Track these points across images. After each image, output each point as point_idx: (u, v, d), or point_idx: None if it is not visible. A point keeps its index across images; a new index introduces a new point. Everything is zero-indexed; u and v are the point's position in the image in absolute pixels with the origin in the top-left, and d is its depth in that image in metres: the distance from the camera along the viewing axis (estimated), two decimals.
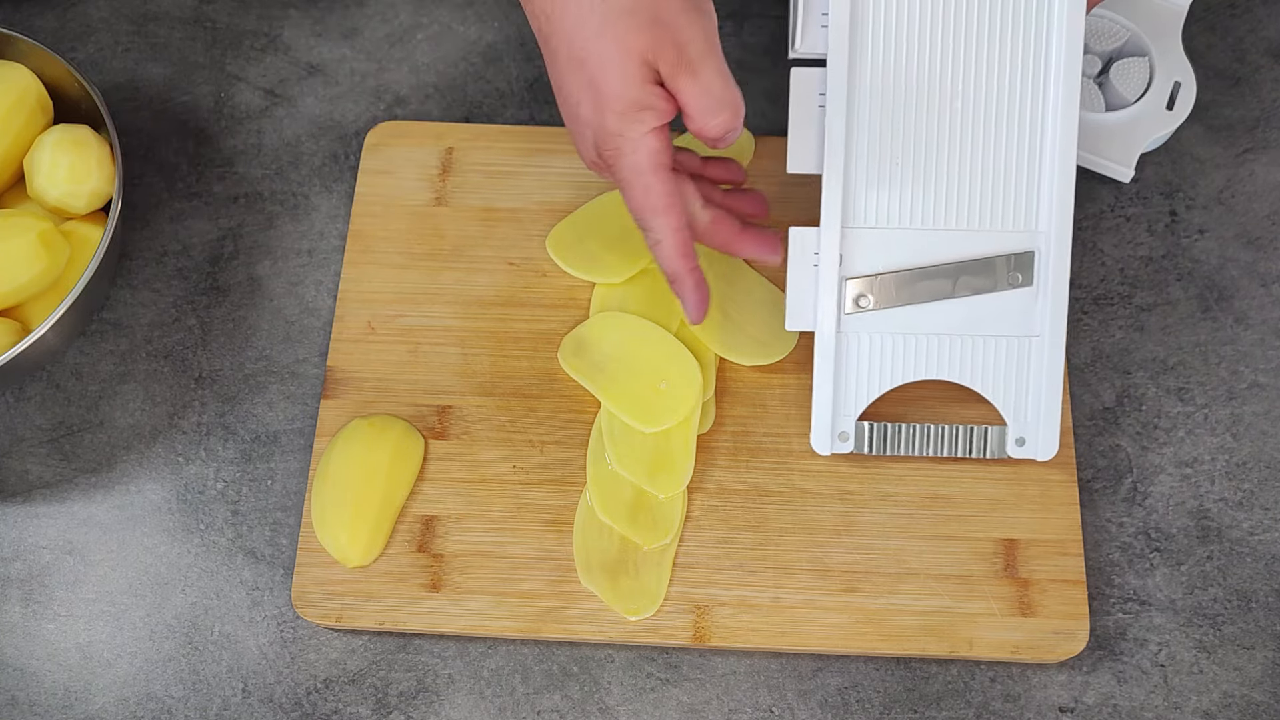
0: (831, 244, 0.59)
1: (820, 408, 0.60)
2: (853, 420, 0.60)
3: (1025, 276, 0.59)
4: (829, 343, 0.60)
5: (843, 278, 0.59)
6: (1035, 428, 0.60)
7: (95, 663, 0.60)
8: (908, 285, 0.59)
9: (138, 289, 0.68)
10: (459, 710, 0.59)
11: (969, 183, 0.59)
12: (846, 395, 0.60)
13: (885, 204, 0.59)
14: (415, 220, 0.68)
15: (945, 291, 0.59)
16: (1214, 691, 0.59)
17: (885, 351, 0.60)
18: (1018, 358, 0.60)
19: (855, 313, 0.59)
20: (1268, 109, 0.73)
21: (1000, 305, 0.59)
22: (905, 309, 0.60)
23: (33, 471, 0.64)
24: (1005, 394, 0.60)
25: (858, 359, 0.60)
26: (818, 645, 0.59)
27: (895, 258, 0.59)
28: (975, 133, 0.59)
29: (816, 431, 0.60)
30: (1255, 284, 0.68)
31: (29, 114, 0.65)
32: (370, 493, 0.60)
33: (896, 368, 0.60)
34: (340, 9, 0.76)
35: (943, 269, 0.59)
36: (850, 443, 0.60)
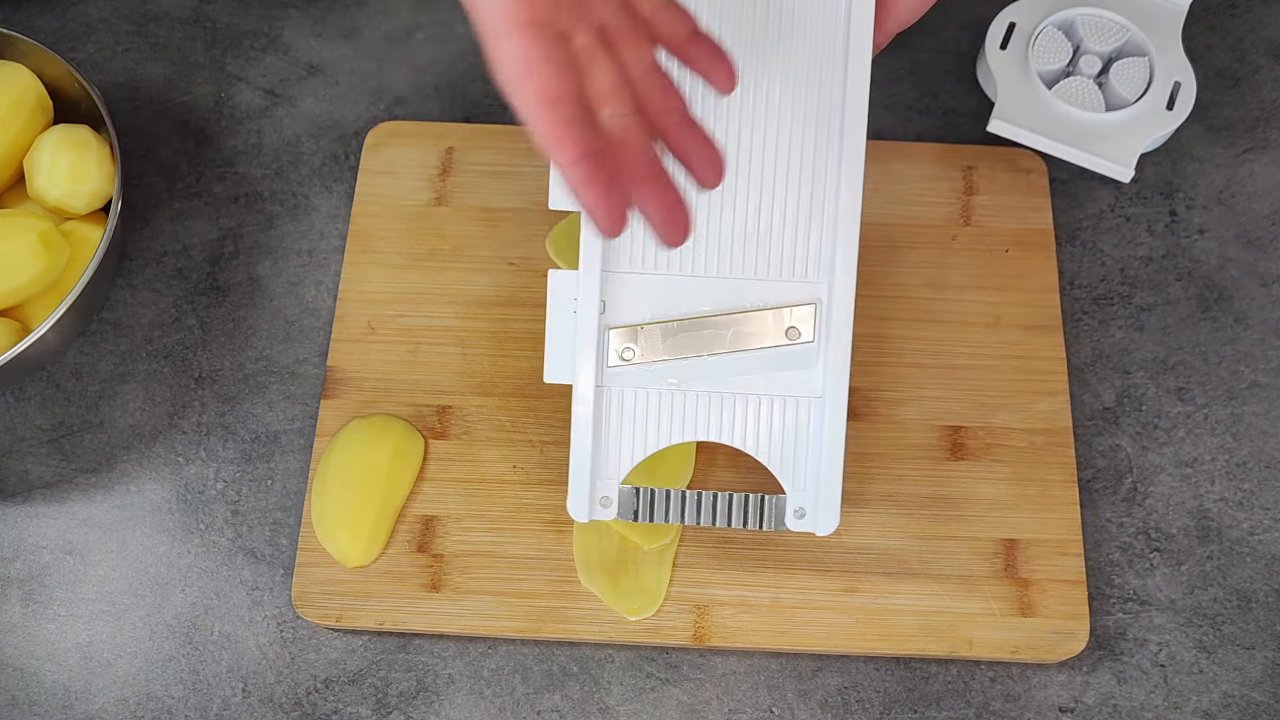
0: (592, 290, 0.54)
1: (578, 470, 0.55)
2: (615, 484, 0.55)
3: (805, 331, 0.54)
4: (588, 398, 0.54)
5: (605, 326, 0.54)
6: (814, 498, 0.55)
7: (95, 663, 0.60)
8: (676, 336, 0.54)
9: (138, 289, 0.68)
10: (459, 710, 0.59)
11: (744, 228, 0.54)
12: (608, 456, 0.55)
13: (654, 247, 0.54)
14: (415, 220, 0.68)
15: (718, 344, 0.54)
16: (1214, 691, 0.59)
17: (651, 409, 0.55)
18: (795, 420, 0.55)
19: (619, 366, 0.54)
20: (1268, 109, 0.73)
21: (777, 362, 0.55)
22: (674, 363, 0.54)
23: (33, 471, 0.64)
24: (783, 461, 0.55)
25: (621, 416, 0.55)
26: (818, 645, 0.59)
27: (663, 307, 0.54)
28: (752, 174, 0.54)
29: (573, 497, 0.55)
30: (1255, 284, 0.68)
31: (29, 114, 0.65)
32: (370, 493, 0.60)
33: (664, 427, 0.55)
34: (340, 9, 0.76)
35: (714, 320, 0.54)
36: (613, 509, 0.55)
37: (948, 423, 0.63)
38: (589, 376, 0.54)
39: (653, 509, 0.56)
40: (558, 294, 0.55)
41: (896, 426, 0.63)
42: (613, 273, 0.54)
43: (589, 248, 0.54)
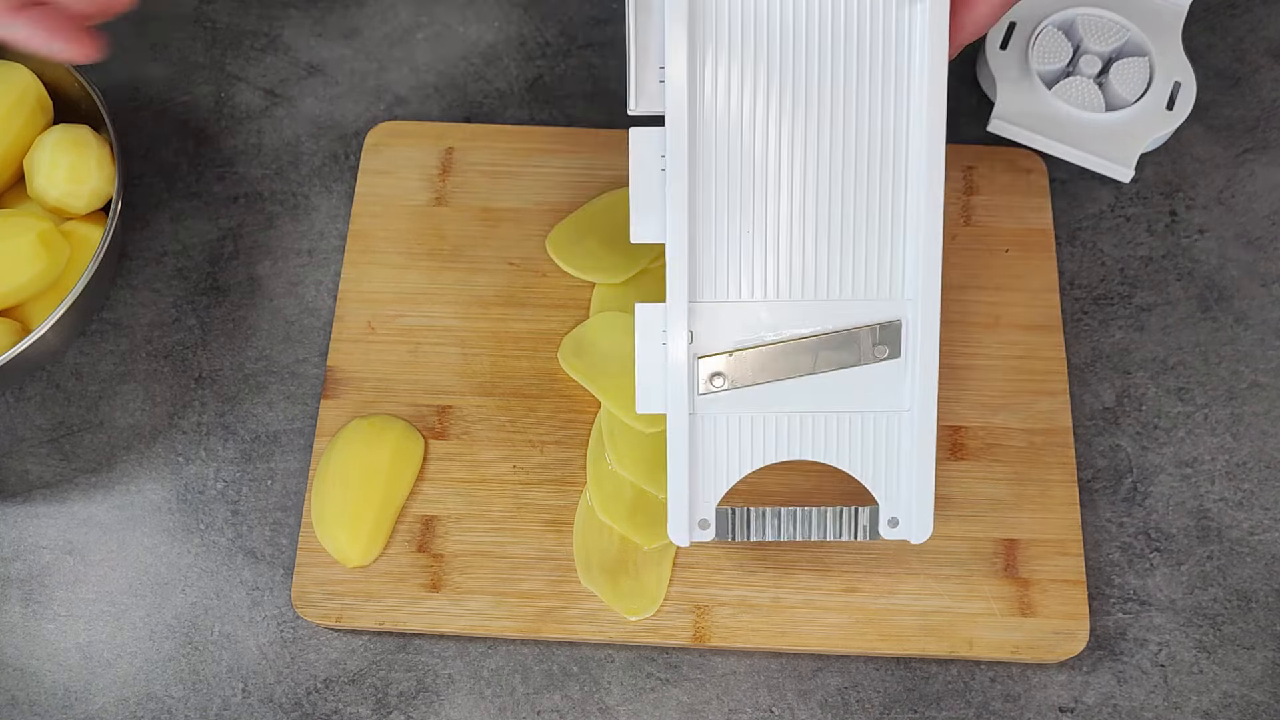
0: (680, 320, 0.54)
1: (676, 496, 0.55)
2: (713, 506, 0.56)
3: (892, 349, 0.55)
4: (683, 426, 0.55)
5: (694, 355, 0.55)
6: (908, 507, 0.56)
7: (95, 663, 0.60)
8: (765, 362, 0.55)
9: (138, 289, 0.68)
10: (459, 710, 0.59)
11: (826, 250, 0.54)
12: (705, 480, 0.56)
13: (736, 275, 0.54)
14: (415, 220, 0.68)
15: (806, 367, 0.55)
16: (1214, 691, 0.59)
17: (744, 432, 0.55)
18: (885, 434, 0.56)
19: (710, 393, 0.55)
20: (1268, 109, 0.73)
21: (866, 380, 0.55)
22: (764, 387, 0.55)
23: (33, 471, 0.64)
24: (874, 473, 0.56)
25: (714, 441, 0.55)
26: (818, 645, 0.59)
27: (751, 333, 0.55)
28: (831, 196, 0.54)
29: (674, 522, 0.55)
30: (1255, 284, 0.68)
31: (29, 114, 0.65)
32: (370, 493, 0.60)
33: (757, 449, 0.55)
34: (340, 9, 0.76)
35: (802, 344, 0.55)
36: (711, 530, 0.56)
37: (948, 423, 0.63)
38: (682, 404, 0.55)
39: (749, 527, 0.56)
40: (645, 327, 0.55)
41: None
42: (699, 303, 0.55)
43: (675, 280, 0.54)
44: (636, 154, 0.54)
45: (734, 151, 0.53)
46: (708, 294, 0.55)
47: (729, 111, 0.53)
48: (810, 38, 0.53)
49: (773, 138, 0.53)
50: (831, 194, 0.54)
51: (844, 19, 0.53)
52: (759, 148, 0.53)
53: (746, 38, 0.52)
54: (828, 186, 0.54)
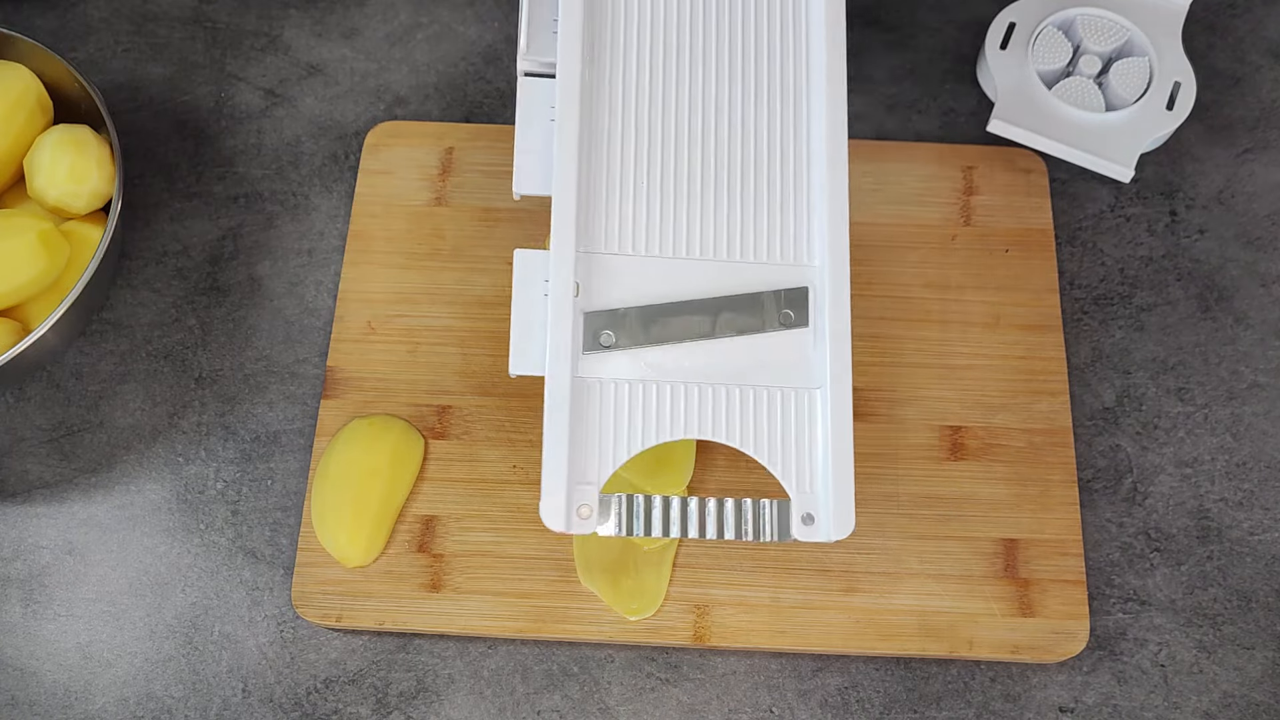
0: (566, 269, 0.49)
1: (552, 475, 0.48)
2: (595, 491, 0.49)
3: (798, 315, 0.50)
4: (563, 389, 0.49)
5: (580, 310, 0.50)
6: (825, 501, 0.50)
7: (95, 663, 0.60)
8: (659, 321, 0.50)
9: (138, 289, 0.68)
10: (459, 710, 0.59)
11: (729, 209, 0.51)
12: (587, 458, 0.49)
13: (631, 228, 0.50)
14: (415, 220, 0.68)
15: (705, 330, 0.50)
16: (1214, 691, 0.59)
17: (635, 403, 0.49)
18: (795, 415, 0.50)
19: (595, 351, 0.49)
20: (1268, 109, 0.73)
21: (773, 350, 0.50)
22: (657, 350, 0.49)
23: (33, 471, 0.64)
24: (785, 460, 0.50)
25: (600, 411, 0.49)
26: (818, 645, 0.59)
27: (646, 290, 0.50)
28: (735, 154, 0.51)
29: (547, 504, 0.48)
30: (1255, 284, 0.68)
31: (29, 114, 0.65)
32: (370, 493, 0.60)
33: (649, 423, 0.49)
34: (340, 9, 0.76)
35: (700, 304, 0.50)
36: (592, 520, 0.49)
37: (948, 423, 0.63)
38: (564, 365, 0.49)
39: (637, 519, 0.50)
40: (525, 274, 0.50)
41: (896, 426, 0.63)
42: (588, 253, 0.50)
43: (562, 225, 0.50)
44: (524, 104, 0.51)
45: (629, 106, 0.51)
46: (599, 244, 0.50)
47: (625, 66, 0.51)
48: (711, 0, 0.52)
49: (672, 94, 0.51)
50: (732, 154, 0.52)
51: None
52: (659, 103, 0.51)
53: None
54: (727, 146, 0.51)
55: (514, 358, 0.50)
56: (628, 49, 0.51)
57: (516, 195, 0.51)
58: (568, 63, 0.50)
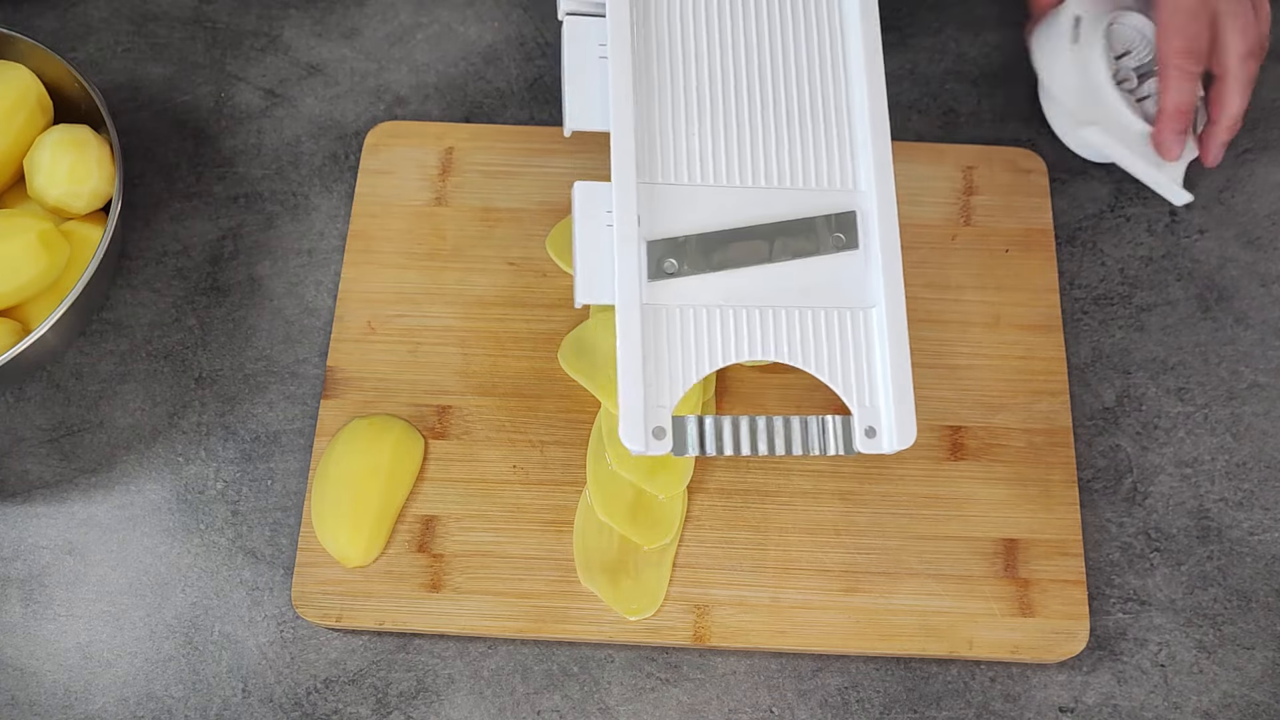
0: (627, 201, 0.51)
1: (630, 398, 0.50)
2: (668, 412, 0.51)
3: (849, 238, 0.53)
4: (633, 316, 0.50)
5: (643, 239, 0.51)
6: (885, 414, 0.52)
7: (95, 663, 0.60)
8: (719, 248, 0.52)
9: (138, 289, 0.68)
10: (459, 710, 0.59)
11: (778, 139, 0.53)
12: (659, 381, 0.50)
13: (686, 159, 0.52)
14: (415, 220, 0.68)
15: (763, 255, 0.52)
16: (1214, 691, 0.59)
17: (701, 327, 0.51)
18: (853, 333, 0.52)
19: (660, 279, 0.51)
20: (1268, 109, 0.73)
21: (828, 272, 0.52)
22: (719, 275, 0.51)
23: (33, 471, 0.64)
24: (845, 376, 0.52)
25: (669, 336, 0.51)
26: (818, 645, 0.59)
27: (704, 218, 0.52)
28: (780, 87, 0.54)
29: (626, 427, 0.50)
30: (1255, 284, 0.68)
31: (29, 114, 0.65)
32: (370, 493, 0.60)
33: (715, 346, 0.51)
34: (340, 9, 0.76)
35: (757, 229, 0.52)
36: (667, 440, 0.51)
37: (948, 423, 0.63)
38: (633, 292, 0.50)
39: (710, 438, 0.51)
40: (586, 206, 0.51)
41: None
42: (648, 184, 0.52)
43: (622, 156, 0.51)
44: (571, 43, 0.53)
45: (677, 43, 0.53)
46: (657, 174, 0.52)
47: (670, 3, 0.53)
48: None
49: (716, 31, 0.54)
50: (778, 86, 0.54)
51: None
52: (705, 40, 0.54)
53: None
54: (772, 79, 0.54)
55: (580, 288, 0.51)
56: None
57: (568, 132, 0.53)
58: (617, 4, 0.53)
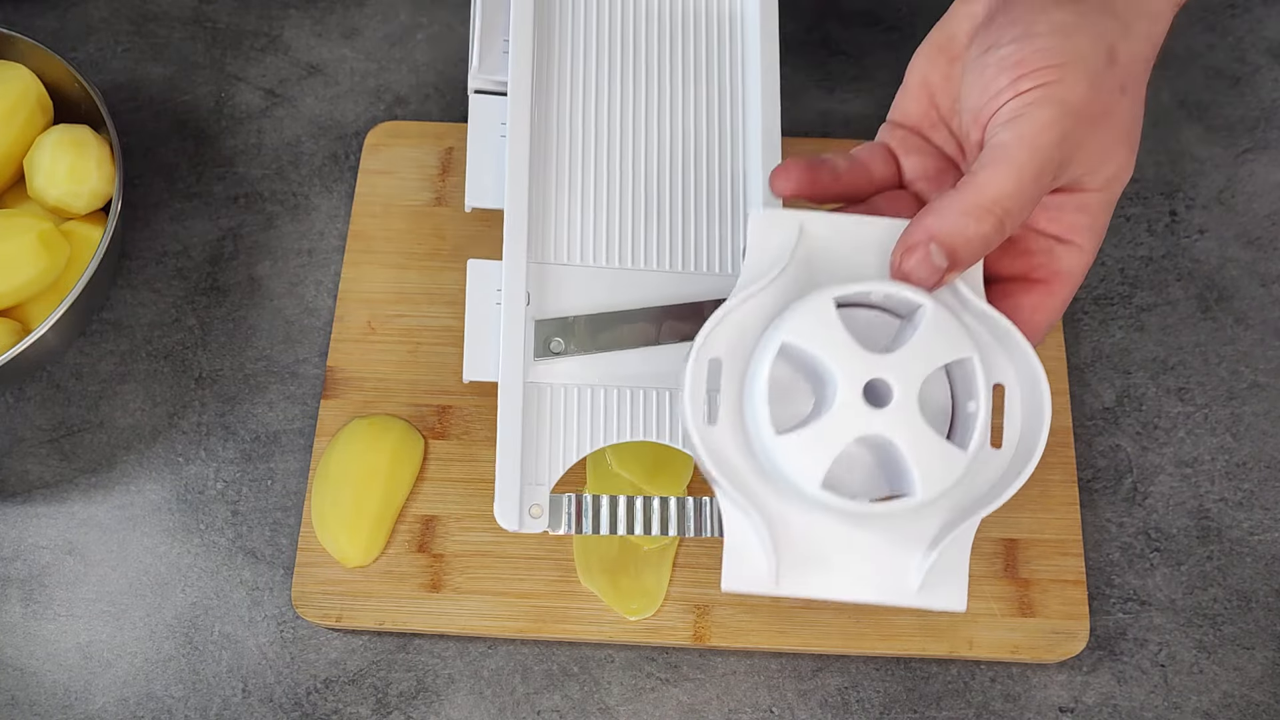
0: (518, 278, 0.51)
1: (506, 475, 0.49)
2: (546, 491, 0.50)
3: None
4: (515, 394, 0.50)
5: (531, 318, 0.51)
6: None
7: (95, 663, 0.60)
8: (607, 329, 0.51)
9: (138, 289, 0.68)
10: (459, 710, 0.59)
11: (672, 223, 0.53)
12: (539, 459, 0.50)
13: (580, 240, 0.52)
14: (415, 220, 0.68)
15: (650, 337, 0.51)
16: (1214, 691, 0.59)
17: (584, 407, 0.51)
18: None
19: (547, 358, 0.51)
20: (1268, 109, 0.73)
21: None
22: (606, 356, 0.51)
23: (33, 471, 0.64)
24: None
25: (551, 414, 0.51)
26: (818, 645, 0.59)
27: (594, 299, 0.52)
28: (678, 169, 0.53)
29: (501, 504, 0.49)
30: (1255, 284, 0.68)
31: (29, 114, 0.65)
32: (370, 493, 0.60)
33: (597, 426, 0.51)
34: (340, 9, 0.76)
35: (646, 312, 0.52)
36: (544, 519, 0.50)
37: None
38: (516, 371, 0.50)
39: (588, 517, 0.50)
40: (478, 284, 0.51)
41: None
42: (540, 263, 0.52)
43: (514, 235, 0.51)
44: (476, 121, 0.53)
45: (577, 123, 0.53)
46: (549, 254, 0.52)
47: (573, 84, 0.53)
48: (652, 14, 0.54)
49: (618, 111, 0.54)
50: (675, 168, 0.54)
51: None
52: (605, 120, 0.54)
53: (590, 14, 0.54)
54: (669, 161, 0.54)
55: (468, 365, 0.51)
56: (574, 68, 0.54)
57: (469, 208, 0.53)
58: (518, 81, 0.52)
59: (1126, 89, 0.43)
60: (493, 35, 0.53)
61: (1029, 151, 0.41)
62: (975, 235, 0.41)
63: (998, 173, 0.41)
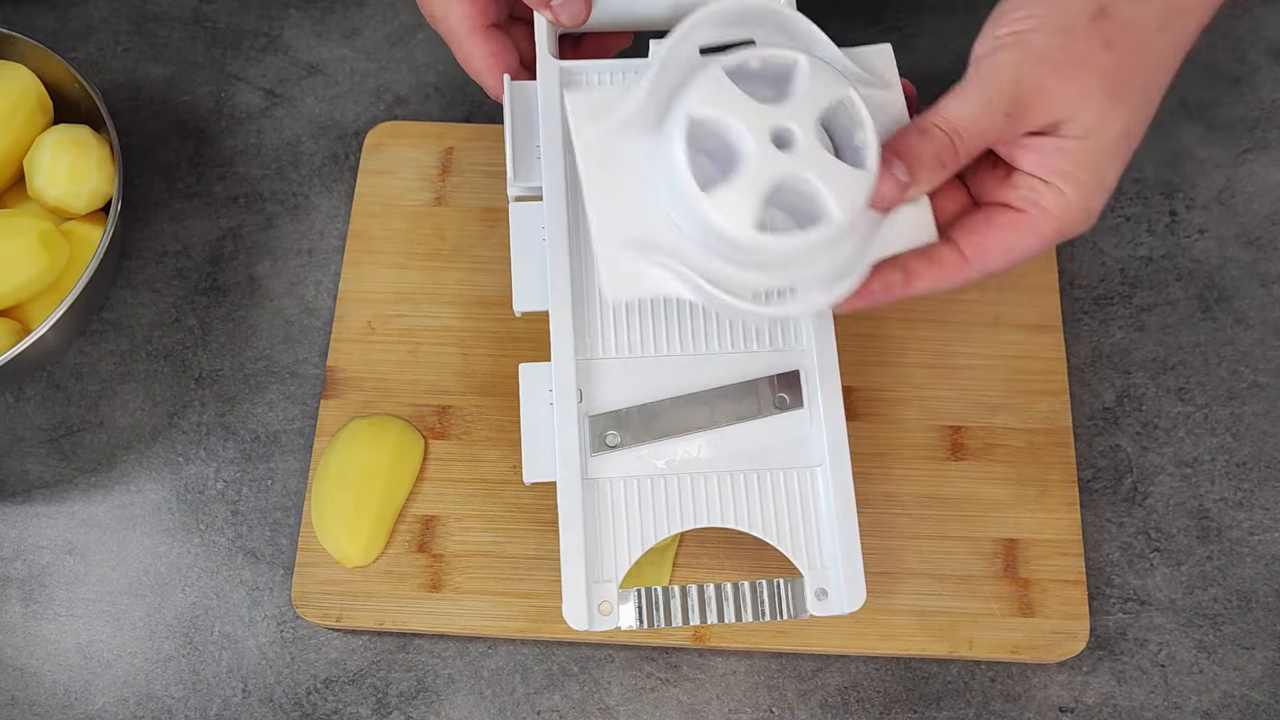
0: (567, 376, 0.51)
1: (572, 575, 0.50)
2: (614, 587, 0.50)
3: (793, 398, 0.52)
4: (574, 492, 0.51)
5: (584, 414, 0.52)
6: (835, 575, 0.51)
7: (95, 663, 0.60)
8: (660, 416, 0.52)
9: (138, 289, 0.68)
10: (459, 710, 0.59)
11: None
12: (604, 556, 0.51)
13: (627, 332, 0.53)
14: (415, 220, 0.68)
15: (704, 421, 0.52)
16: (1214, 691, 0.59)
17: (645, 498, 0.51)
18: (800, 494, 0.52)
19: (603, 452, 0.51)
20: (1268, 109, 0.73)
21: (771, 433, 0.52)
22: (662, 443, 0.52)
23: (33, 471, 0.64)
24: (793, 538, 0.51)
25: (612, 509, 0.51)
26: (818, 645, 0.59)
27: (645, 389, 0.52)
28: None
29: (570, 604, 0.50)
30: (1255, 284, 0.68)
31: (29, 114, 0.65)
32: (370, 493, 0.60)
33: (660, 516, 0.51)
34: (340, 9, 0.76)
35: (698, 396, 0.52)
36: (614, 616, 0.50)
37: (948, 423, 0.63)
38: (574, 469, 0.51)
39: (658, 610, 0.51)
40: (530, 386, 0.53)
41: (896, 426, 0.63)
42: (588, 360, 0.53)
43: (560, 336, 0.52)
44: (517, 228, 0.54)
45: None
46: (596, 350, 0.53)
47: None
48: None
49: None
50: None
51: None
52: None
53: None
54: None
55: (527, 466, 0.52)
56: None
57: (518, 313, 0.54)
58: (552, 185, 0.53)
59: (1113, 45, 0.46)
60: (526, 144, 0.54)
61: (980, 82, 0.46)
62: (927, 151, 0.46)
63: (951, 98, 0.47)
